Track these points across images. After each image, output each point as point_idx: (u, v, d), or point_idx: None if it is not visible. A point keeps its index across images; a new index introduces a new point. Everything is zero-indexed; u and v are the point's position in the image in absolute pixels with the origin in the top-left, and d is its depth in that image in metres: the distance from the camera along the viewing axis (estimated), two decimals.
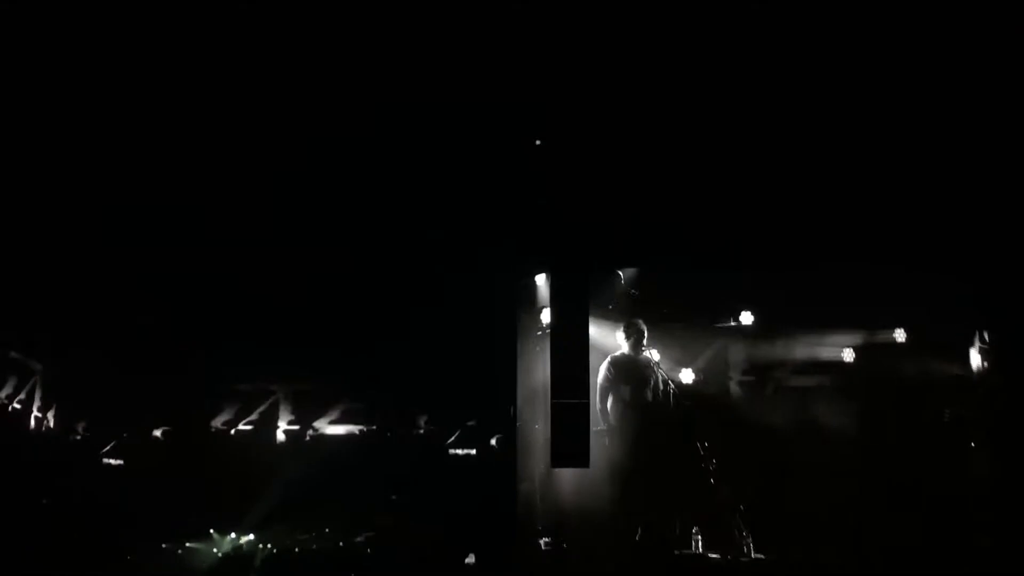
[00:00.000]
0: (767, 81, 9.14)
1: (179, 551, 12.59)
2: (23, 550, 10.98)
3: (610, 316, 11.65)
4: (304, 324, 13.01)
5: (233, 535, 12.82)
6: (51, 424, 13.56)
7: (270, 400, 14.29)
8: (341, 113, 9.52)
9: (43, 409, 13.44)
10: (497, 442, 12.99)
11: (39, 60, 8.44)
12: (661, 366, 11.48)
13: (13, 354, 12.91)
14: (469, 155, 10.05)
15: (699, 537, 10.69)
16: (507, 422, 12.00)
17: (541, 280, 11.63)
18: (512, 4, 8.38)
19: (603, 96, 8.97)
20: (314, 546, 12.79)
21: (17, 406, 13.03)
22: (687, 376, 11.77)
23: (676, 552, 10.69)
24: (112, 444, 13.86)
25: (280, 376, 14.23)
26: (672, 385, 11.46)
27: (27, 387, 13.16)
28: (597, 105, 9.22)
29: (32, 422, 13.31)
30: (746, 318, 12.07)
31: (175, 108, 9.68)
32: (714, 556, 10.55)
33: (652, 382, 11.45)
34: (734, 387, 12.51)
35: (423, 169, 10.16)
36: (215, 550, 12.64)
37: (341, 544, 12.95)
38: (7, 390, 12.81)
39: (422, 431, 13.91)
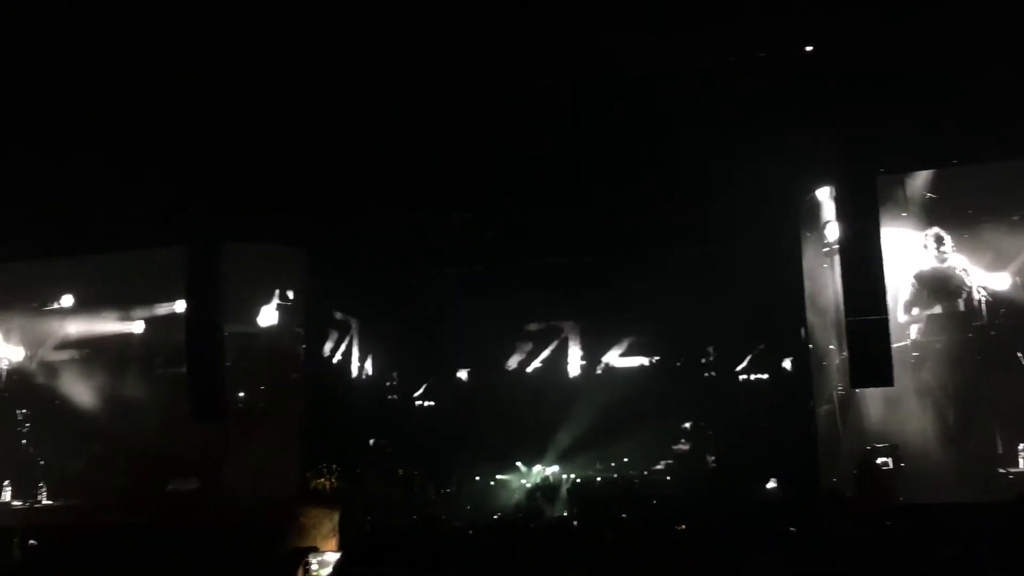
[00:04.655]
0: None
1: (491, 483, 13.49)
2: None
3: (905, 224, 10.80)
4: (587, 260, 13.29)
5: (538, 467, 13.51)
6: (369, 372, 14.94)
7: (560, 338, 14.79)
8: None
9: (361, 360, 14.82)
10: (790, 365, 12.62)
11: None
12: (970, 272, 10.52)
13: (335, 313, 14.30)
14: (739, 68, 9.61)
15: None
16: (798, 344, 11.61)
17: (823, 194, 11.01)
18: None
19: None
20: (615, 476, 13.18)
21: (340, 358, 14.45)
22: (1002, 282, 10.66)
23: (1002, 470, 9.88)
24: (423, 388, 15.06)
25: (568, 314, 14.67)
26: (984, 293, 10.47)
27: (346, 340, 14.54)
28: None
29: (354, 371, 14.73)
30: None
31: None
32: None
33: (961, 291, 10.53)
34: None
35: (696, 89, 9.83)
36: (523, 481, 13.39)
37: (644, 473, 13.24)
38: (330, 343, 14.22)
39: (711, 359, 13.80)
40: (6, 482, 12.41)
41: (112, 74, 9.01)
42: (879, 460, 10.33)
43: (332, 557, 3.16)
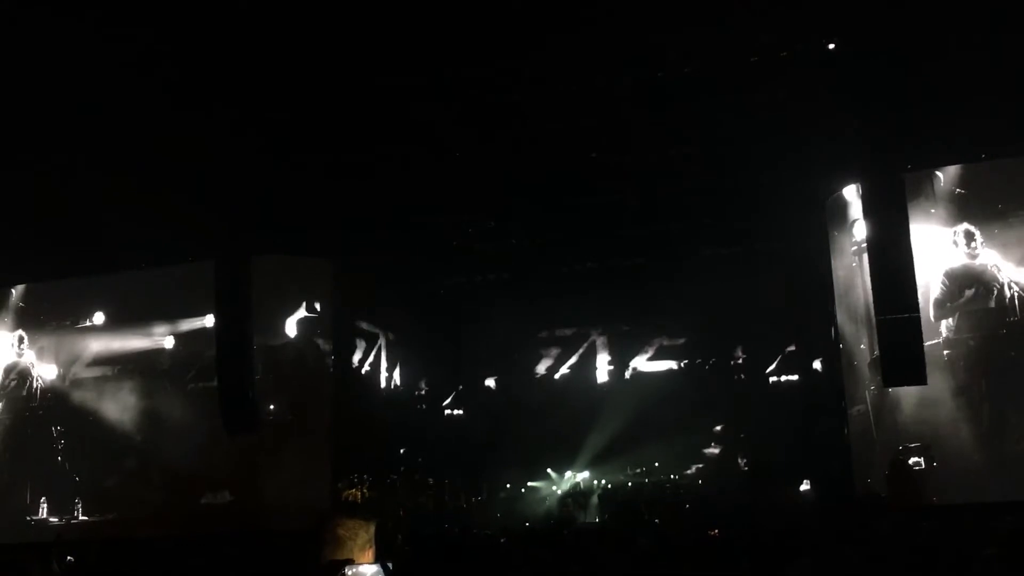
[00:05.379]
0: None
1: (521, 490, 13.47)
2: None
3: (934, 221, 10.67)
4: (614, 264, 13.25)
5: (569, 474, 13.48)
6: (397, 382, 14.97)
7: (588, 343, 14.76)
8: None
9: (390, 370, 14.86)
10: (820, 365, 12.51)
11: None
12: (1001, 268, 10.37)
13: (363, 324, 14.36)
14: (763, 67, 9.55)
15: None
16: (829, 344, 11.51)
17: (850, 192, 10.92)
18: None
19: None
20: (646, 480, 13.12)
21: (368, 368, 14.50)
22: None
23: None
24: (451, 396, 15.08)
25: (595, 319, 14.64)
26: (1017, 288, 10.32)
27: (374, 351, 14.59)
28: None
29: (382, 381, 14.76)
30: None
31: None
32: None
33: (993, 287, 10.39)
34: None
35: (720, 90, 9.77)
36: (554, 488, 13.36)
37: (673, 477, 13.18)
38: (359, 354, 14.26)
39: (740, 361, 13.71)
40: (43, 498, 12.55)
41: (142, 94, 9.11)
42: (911, 460, 10.20)
43: (368, 569, 3.14)
